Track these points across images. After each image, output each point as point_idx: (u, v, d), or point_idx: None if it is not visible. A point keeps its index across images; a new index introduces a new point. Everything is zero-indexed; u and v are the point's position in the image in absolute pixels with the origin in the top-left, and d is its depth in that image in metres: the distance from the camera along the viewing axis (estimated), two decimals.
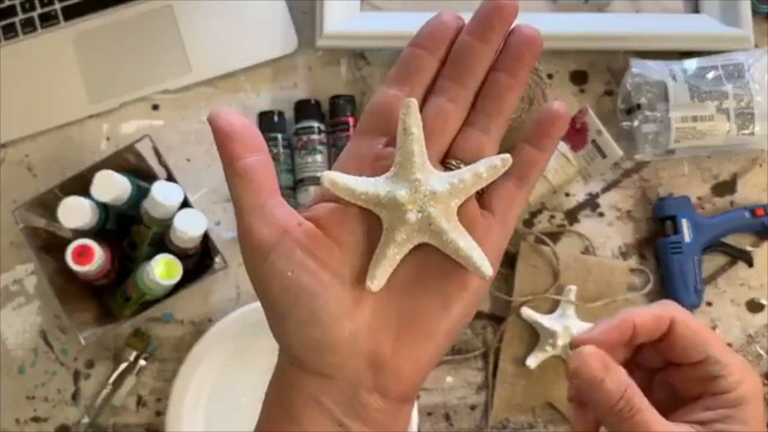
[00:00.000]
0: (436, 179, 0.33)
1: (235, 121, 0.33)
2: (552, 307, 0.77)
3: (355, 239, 0.33)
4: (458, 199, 0.33)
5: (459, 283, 0.33)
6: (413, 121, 0.32)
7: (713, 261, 0.80)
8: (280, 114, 0.80)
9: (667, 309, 0.39)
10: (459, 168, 0.34)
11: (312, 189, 0.78)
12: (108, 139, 0.82)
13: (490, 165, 0.33)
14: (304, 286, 0.32)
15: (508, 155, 0.33)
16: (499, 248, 0.34)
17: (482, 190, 0.34)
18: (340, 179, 0.33)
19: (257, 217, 0.33)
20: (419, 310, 0.33)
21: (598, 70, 0.83)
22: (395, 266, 0.33)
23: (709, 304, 0.79)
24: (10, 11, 0.84)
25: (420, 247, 0.33)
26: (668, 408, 0.38)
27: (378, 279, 0.32)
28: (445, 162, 0.34)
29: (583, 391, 0.38)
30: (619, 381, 0.37)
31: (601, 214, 0.81)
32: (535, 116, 0.35)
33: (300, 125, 0.79)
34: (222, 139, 0.33)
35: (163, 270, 0.71)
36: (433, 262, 0.33)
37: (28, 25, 0.83)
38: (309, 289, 0.32)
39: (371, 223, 0.33)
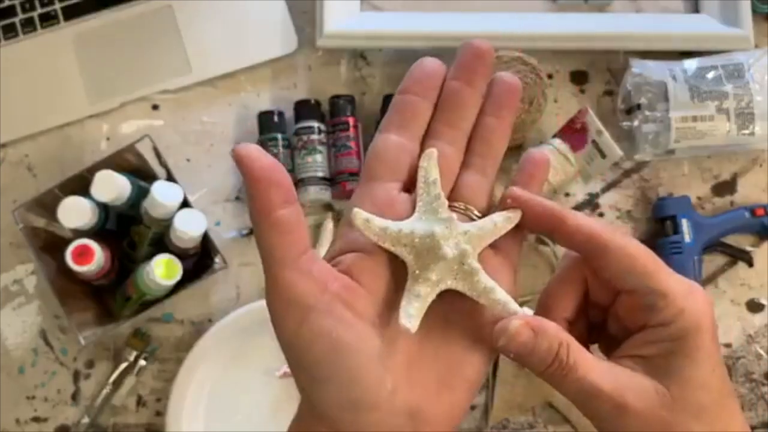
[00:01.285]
0: (461, 223, 0.34)
1: (267, 163, 0.31)
2: None
3: (382, 287, 0.33)
4: (484, 243, 0.34)
5: (481, 327, 0.33)
6: (432, 168, 0.34)
7: (713, 261, 0.80)
8: (280, 114, 0.80)
9: (605, 231, 0.35)
10: (460, 208, 0.35)
11: (312, 189, 0.78)
12: (108, 139, 0.82)
13: (506, 217, 0.35)
14: (347, 344, 0.31)
15: (518, 209, 0.35)
16: (510, 289, 0.35)
17: None
18: (374, 220, 0.33)
19: (294, 271, 0.31)
20: (450, 358, 0.33)
21: (598, 70, 0.83)
22: (427, 306, 0.32)
23: None
24: (10, 11, 0.84)
25: (442, 297, 0.33)
26: (620, 342, 0.36)
27: (415, 317, 0.31)
28: (450, 205, 0.35)
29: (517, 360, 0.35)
30: (549, 345, 0.33)
31: (601, 214, 0.81)
32: (519, 162, 0.37)
33: (300, 125, 0.79)
34: (256, 184, 0.30)
35: (163, 270, 0.71)
36: (457, 306, 0.33)
37: (28, 25, 0.83)
38: (351, 345, 0.31)
39: (396, 272, 0.33)
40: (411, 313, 0.31)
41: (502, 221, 0.34)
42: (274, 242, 0.31)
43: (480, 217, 0.35)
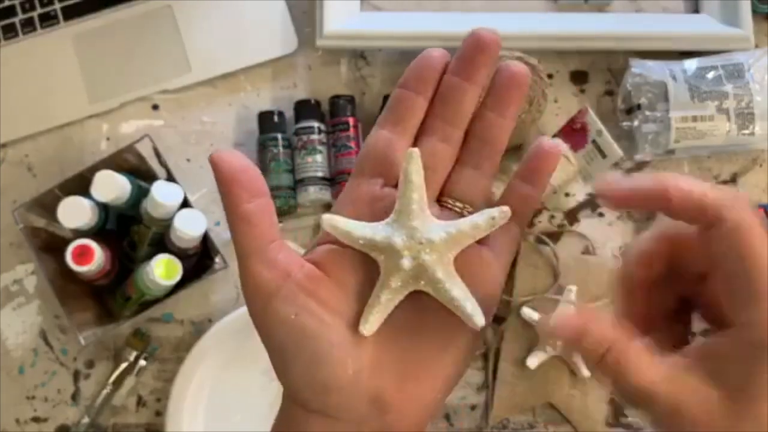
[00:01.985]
0: (433, 228, 0.33)
1: (237, 164, 0.33)
2: (552, 307, 0.77)
3: (355, 280, 0.34)
4: (455, 249, 0.33)
5: (456, 327, 0.34)
6: (414, 170, 0.33)
7: None
8: (280, 114, 0.80)
9: (718, 198, 0.30)
10: (455, 206, 0.35)
11: (312, 189, 0.78)
12: (108, 139, 0.82)
13: (489, 217, 0.33)
14: (308, 329, 0.32)
15: (507, 208, 0.33)
16: (498, 282, 0.35)
17: None
18: (339, 223, 0.33)
19: (259, 261, 0.33)
20: (420, 352, 0.33)
21: (598, 70, 0.83)
22: (389, 311, 0.33)
23: None
24: (10, 11, 0.84)
25: (419, 292, 0.33)
26: (715, 323, 0.33)
27: (370, 324, 0.33)
28: (441, 201, 0.35)
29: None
30: (593, 347, 0.31)
31: (601, 215, 0.81)
32: (528, 153, 0.36)
33: (300, 125, 0.79)
34: (224, 183, 0.33)
35: (163, 270, 0.71)
36: (432, 306, 0.34)
37: (28, 25, 0.83)
38: (313, 331, 0.32)
39: (371, 265, 0.34)
40: (370, 319, 0.33)
41: (485, 222, 0.33)
42: (241, 235, 0.33)
43: None
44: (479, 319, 0.33)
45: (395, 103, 0.36)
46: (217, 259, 0.74)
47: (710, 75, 0.76)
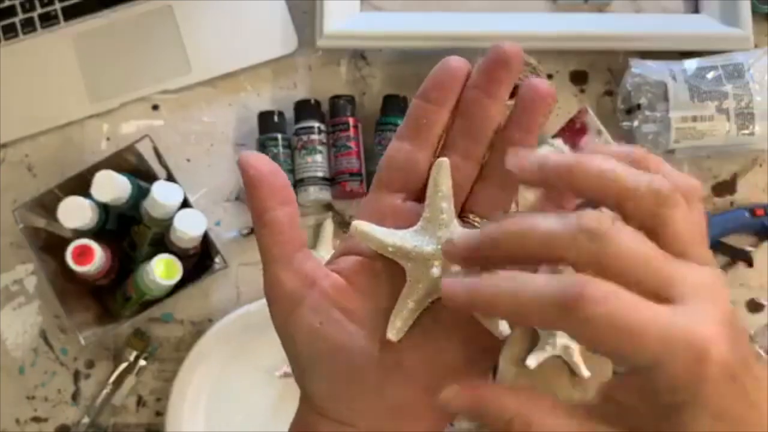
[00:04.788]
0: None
1: (265, 169, 0.33)
2: None
3: (379, 291, 0.34)
4: None
5: (477, 337, 0.33)
6: (443, 180, 0.33)
7: None
8: (280, 114, 0.80)
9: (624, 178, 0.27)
10: (475, 222, 0.35)
11: (312, 189, 0.78)
12: (108, 139, 0.82)
13: None
14: (332, 338, 0.32)
15: None
16: None
17: None
18: (369, 229, 0.33)
19: (285, 269, 0.33)
20: (441, 362, 0.33)
21: (598, 70, 0.83)
22: (415, 318, 0.33)
23: None
24: (10, 11, 0.84)
25: (439, 300, 0.33)
26: None
27: (398, 329, 0.33)
28: (463, 217, 0.35)
29: None
30: (499, 411, 0.29)
31: None
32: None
33: (300, 125, 0.79)
34: (252, 188, 0.33)
35: (163, 270, 0.71)
36: (455, 316, 0.33)
37: (28, 25, 0.83)
38: (337, 340, 0.32)
39: (395, 276, 0.34)
40: (397, 325, 0.33)
41: None
42: (267, 241, 0.33)
43: None
44: (504, 327, 0.33)
45: (415, 115, 0.35)
46: (217, 259, 0.74)
47: (710, 75, 0.76)
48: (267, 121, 0.79)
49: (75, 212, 0.72)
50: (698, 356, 0.25)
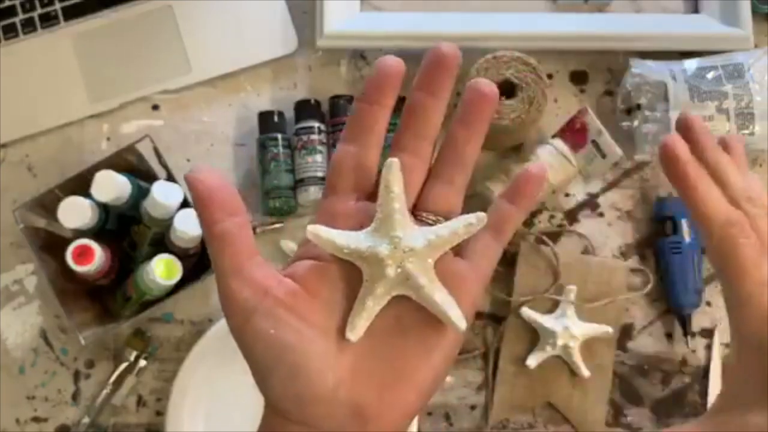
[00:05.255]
0: (414, 235, 0.34)
1: (213, 183, 0.33)
2: (552, 307, 0.77)
3: (334, 294, 0.34)
4: (435, 254, 0.34)
5: (437, 332, 0.34)
6: (394, 180, 0.34)
7: None
8: (280, 114, 0.80)
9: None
10: (429, 219, 0.35)
11: (312, 189, 0.78)
12: (108, 139, 0.82)
13: (467, 223, 0.34)
14: (287, 342, 0.33)
15: (483, 214, 0.34)
16: (475, 296, 0.35)
17: None
18: (323, 233, 0.34)
19: (237, 279, 0.33)
20: (401, 359, 0.34)
21: (598, 70, 0.83)
22: (374, 317, 0.34)
23: (708, 304, 0.79)
24: (10, 11, 0.84)
25: (399, 298, 0.34)
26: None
27: (357, 329, 0.33)
28: (415, 214, 0.36)
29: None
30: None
31: (601, 214, 0.81)
32: (515, 174, 0.37)
33: (300, 125, 0.79)
34: (200, 202, 0.33)
35: (163, 270, 0.71)
36: (412, 312, 0.34)
37: (28, 25, 0.83)
38: (291, 344, 0.33)
39: (350, 278, 0.34)
40: (356, 325, 0.33)
41: (463, 227, 0.34)
42: (217, 253, 0.34)
43: None
44: (461, 323, 0.33)
45: (357, 118, 0.37)
46: None
47: (710, 75, 0.76)
48: (267, 121, 0.79)
49: (75, 212, 0.72)
50: None
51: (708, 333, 0.78)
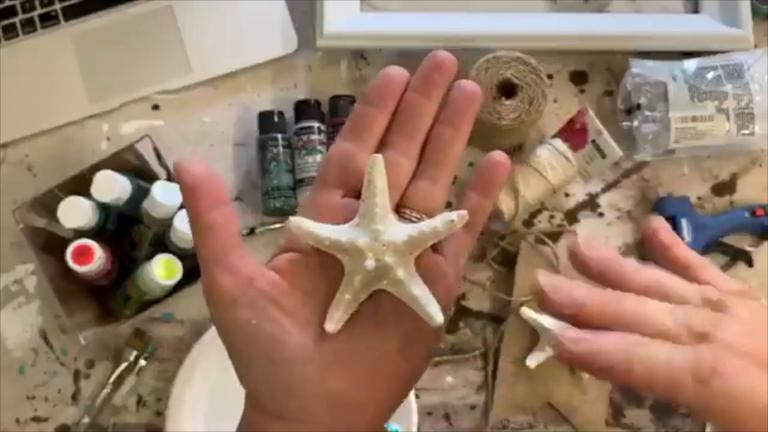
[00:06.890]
0: (396, 231, 0.34)
1: (200, 174, 0.34)
2: (551, 309, 0.77)
3: (316, 287, 0.35)
4: (416, 250, 0.34)
5: (416, 326, 0.34)
6: (378, 175, 0.34)
7: (713, 261, 0.79)
8: (280, 114, 0.80)
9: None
10: (412, 217, 0.36)
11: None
12: (108, 139, 0.82)
13: (448, 220, 0.34)
14: (267, 334, 0.33)
15: (464, 212, 0.34)
16: (453, 291, 0.36)
17: None
18: (305, 224, 0.34)
19: (221, 269, 0.34)
20: (379, 352, 0.34)
21: (598, 70, 0.83)
22: (353, 310, 0.34)
23: None
24: (10, 11, 0.84)
25: (379, 292, 0.34)
26: None
27: (335, 321, 0.34)
28: (399, 211, 0.36)
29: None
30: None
31: (601, 214, 0.81)
32: (479, 164, 0.38)
33: (300, 125, 0.79)
34: (187, 191, 0.34)
35: (163, 270, 0.71)
36: (391, 306, 0.34)
37: (28, 25, 0.83)
38: (271, 336, 0.33)
39: (332, 272, 0.35)
40: (335, 317, 0.34)
41: (444, 225, 0.34)
42: (202, 243, 0.34)
43: None
44: (439, 317, 0.33)
45: (356, 118, 0.37)
46: None
47: (710, 75, 0.76)
48: (267, 121, 0.79)
49: (75, 212, 0.72)
50: None
51: None
